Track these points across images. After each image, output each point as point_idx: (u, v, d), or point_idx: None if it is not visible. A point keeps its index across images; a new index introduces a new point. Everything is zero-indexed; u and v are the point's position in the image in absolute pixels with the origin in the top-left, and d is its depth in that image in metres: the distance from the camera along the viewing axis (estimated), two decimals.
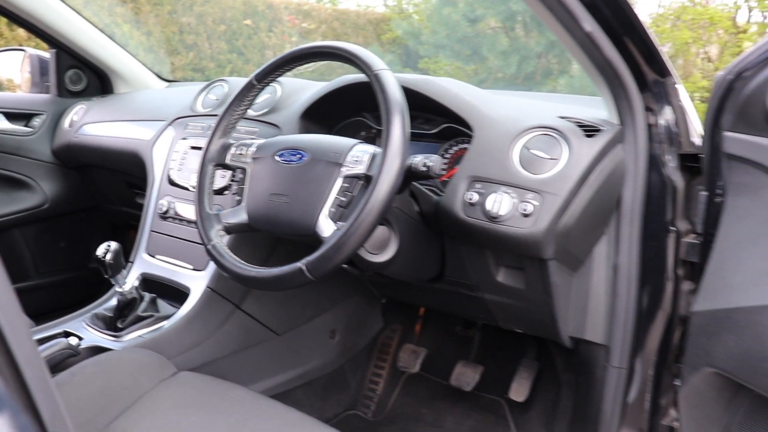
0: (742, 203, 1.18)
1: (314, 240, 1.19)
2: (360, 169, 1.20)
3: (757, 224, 1.15)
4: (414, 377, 2.14)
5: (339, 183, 1.21)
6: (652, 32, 1.28)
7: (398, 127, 1.13)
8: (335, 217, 1.20)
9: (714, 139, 1.21)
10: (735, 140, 1.17)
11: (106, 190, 2.48)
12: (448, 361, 2.08)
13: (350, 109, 1.68)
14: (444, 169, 1.57)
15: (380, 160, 1.13)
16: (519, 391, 1.92)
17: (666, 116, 1.37)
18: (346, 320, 2.08)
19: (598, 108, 1.44)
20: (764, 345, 1.10)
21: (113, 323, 1.64)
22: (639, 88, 1.33)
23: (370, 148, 1.23)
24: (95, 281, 2.02)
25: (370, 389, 2.14)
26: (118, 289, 1.61)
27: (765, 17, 7.59)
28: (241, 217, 1.33)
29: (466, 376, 2.01)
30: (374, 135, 1.67)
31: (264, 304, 1.79)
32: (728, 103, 1.18)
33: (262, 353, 1.81)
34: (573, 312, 1.49)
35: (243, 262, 1.25)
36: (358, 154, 1.22)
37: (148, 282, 1.77)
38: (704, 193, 1.28)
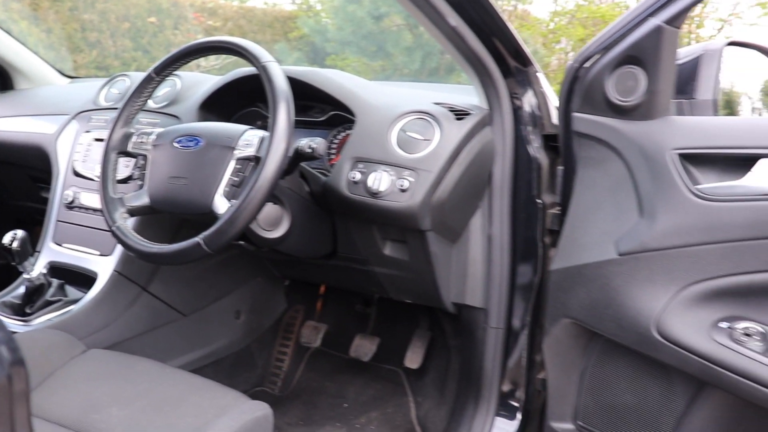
0: (589, 174, 1.36)
1: (211, 218, 1.31)
2: (250, 152, 1.33)
3: (601, 192, 1.33)
4: (317, 353, 2.27)
5: (232, 165, 1.33)
6: (512, 27, 1.45)
7: (283, 113, 1.26)
8: (229, 196, 1.32)
9: (566, 120, 1.39)
10: (582, 120, 1.35)
11: (10, 186, 2.50)
12: (347, 336, 2.22)
13: (245, 100, 1.80)
14: (331, 152, 1.71)
15: (268, 143, 1.26)
16: (413, 359, 2.08)
17: (529, 101, 1.54)
18: (251, 301, 2.19)
19: (471, 95, 1.60)
20: (607, 294, 1.28)
21: (22, 309, 1.69)
22: (504, 76, 1.50)
23: (260, 133, 1.35)
24: (2, 275, 2.06)
25: (276, 366, 2.25)
26: (26, 275, 1.67)
27: None
28: (143, 200, 1.43)
29: (364, 347, 2.15)
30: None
31: (170, 286, 1.88)
32: (576, 87, 1.36)
33: (170, 333, 1.90)
34: (454, 280, 1.65)
35: (146, 240, 1.36)
36: (249, 138, 1.34)
37: (56, 269, 1.83)
38: (561, 167, 1.46)
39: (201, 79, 1.92)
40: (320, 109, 1.75)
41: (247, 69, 1.69)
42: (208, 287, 2.03)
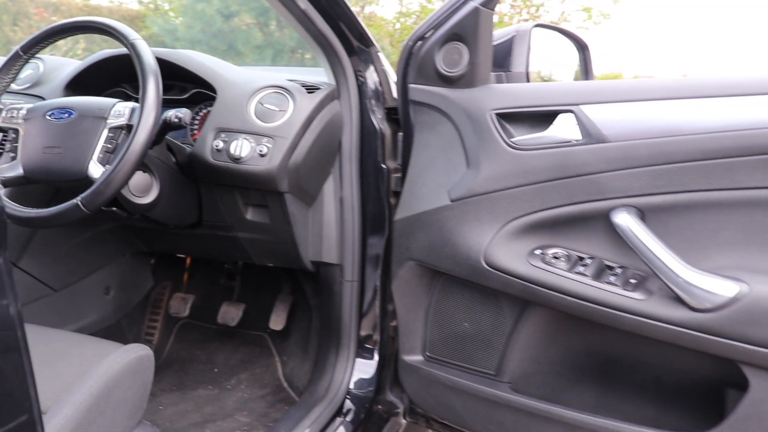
0: (424, 137, 1.58)
1: (86, 183, 1.41)
2: (122, 121, 1.45)
3: (435, 150, 1.55)
4: (186, 325, 2.38)
5: (105, 133, 1.45)
6: (355, 12, 1.65)
7: (152, 85, 1.40)
8: (103, 162, 1.43)
9: (404, 90, 1.60)
10: (417, 90, 1.57)
11: None
12: (214, 307, 2.35)
13: (110, 81, 1.90)
14: (194, 128, 1.84)
15: (139, 112, 1.39)
16: (277, 321, 2.24)
17: (372, 77, 1.75)
18: (120, 278, 2.26)
19: (321, 76, 1.78)
20: (443, 235, 1.50)
21: None
22: (348, 55, 1.70)
23: (131, 104, 1.47)
24: None
25: (147, 340, 2.34)
26: None
27: None
28: (17, 170, 1.51)
29: (230, 313, 2.29)
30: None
31: (41, 261, 1.94)
32: (411, 62, 1.57)
33: (42, 309, 1.95)
34: (312, 240, 1.82)
35: (24, 206, 1.44)
36: (120, 109, 1.46)
37: None
38: (401, 134, 1.67)
39: (64, 62, 1.99)
40: (181, 88, 1.88)
41: (111, 51, 1.79)
42: (78, 263, 2.09)
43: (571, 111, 1.36)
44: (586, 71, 1.85)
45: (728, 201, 1.25)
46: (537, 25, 1.67)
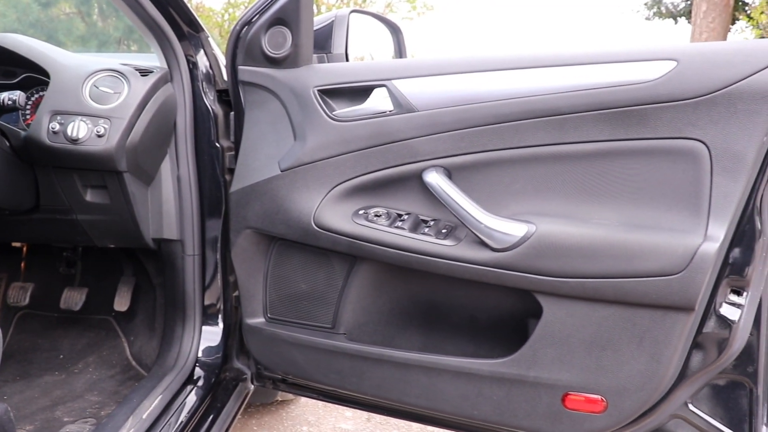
0: (254, 115, 1.71)
1: None
2: None
3: (265, 126, 1.68)
4: (27, 315, 2.36)
5: None
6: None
7: None
8: None
9: (233, 72, 1.72)
10: (245, 71, 1.69)
11: None
12: (55, 294, 2.35)
13: None
14: (26, 112, 1.86)
15: None
16: (121, 303, 2.29)
17: (203, 61, 1.85)
18: None
19: (154, 61, 1.86)
20: (276, 203, 1.64)
21: None
22: (179, 40, 1.79)
23: None
24: None
25: None
26: None
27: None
28: None
29: (73, 298, 2.31)
30: None
31: None
32: (239, 45, 1.69)
33: None
34: (152, 218, 1.90)
35: None
36: None
37: None
38: (233, 113, 1.79)
39: None
40: (8, 72, 1.89)
41: None
42: None
43: (384, 85, 1.54)
44: (399, 52, 2.06)
45: (518, 157, 1.48)
46: (354, 11, 1.85)
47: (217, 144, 1.86)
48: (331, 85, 1.60)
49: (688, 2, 12.51)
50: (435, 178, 1.49)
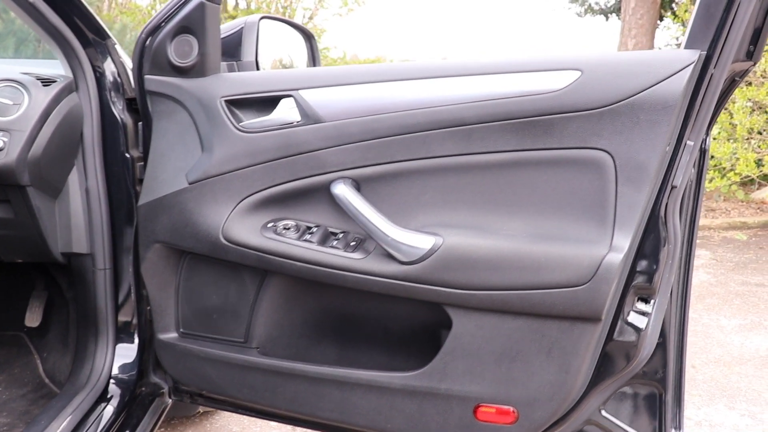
0: (162, 125, 1.66)
1: None
2: None
3: (173, 137, 1.64)
4: None
5: None
6: (86, 4, 1.68)
7: None
8: None
9: (140, 82, 1.67)
10: (152, 81, 1.64)
11: None
12: None
13: None
14: None
15: None
16: (32, 318, 2.21)
17: (110, 69, 1.79)
18: None
19: (59, 68, 1.79)
20: (185, 216, 1.60)
21: None
22: (84, 48, 1.73)
23: None
24: None
25: None
26: None
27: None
28: None
29: None
30: None
31: None
32: (145, 54, 1.64)
33: None
34: (60, 231, 1.83)
35: None
36: None
37: None
38: (141, 123, 1.74)
39: None
40: None
41: None
42: None
43: (291, 95, 1.52)
44: (313, 58, 2.03)
45: (426, 168, 1.47)
46: (264, 17, 1.81)
47: (127, 154, 1.80)
48: (238, 96, 1.57)
49: None
50: (342, 190, 1.47)
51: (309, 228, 1.55)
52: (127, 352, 1.93)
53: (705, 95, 1.37)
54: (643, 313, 1.45)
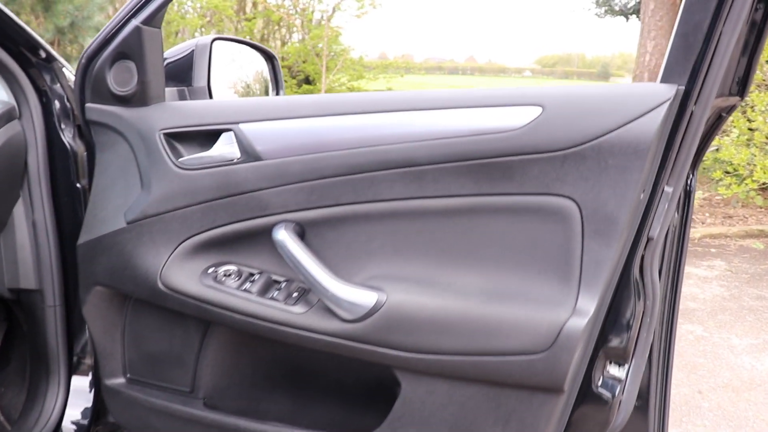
0: (105, 157, 1.54)
1: None
2: None
3: (115, 171, 1.52)
4: None
5: None
6: (23, 25, 1.57)
7: None
8: None
9: (81, 110, 1.55)
10: (93, 109, 1.53)
11: None
12: None
13: None
14: None
15: None
16: None
17: (58, 94, 1.67)
18: None
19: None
20: (123, 258, 1.48)
21: None
22: (27, 72, 1.61)
23: None
24: None
25: None
26: None
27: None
28: None
29: None
30: None
31: None
32: (87, 81, 1.52)
33: None
34: (7, 266, 1.73)
35: None
36: None
37: None
38: (85, 153, 1.62)
39: None
40: None
41: None
42: None
43: (230, 129, 1.39)
44: (276, 81, 1.90)
45: (375, 213, 1.33)
46: (217, 39, 1.68)
47: (78, 184, 1.69)
48: (178, 128, 1.44)
49: (638, 0, 12.54)
50: (283, 237, 1.34)
51: (252, 275, 1.42)
52: (81, 393, 1.82)
53: (685, 135, 1.21)
54: (616, 379, 1.30)
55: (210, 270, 1.44)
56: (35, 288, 1.76)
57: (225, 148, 1.40)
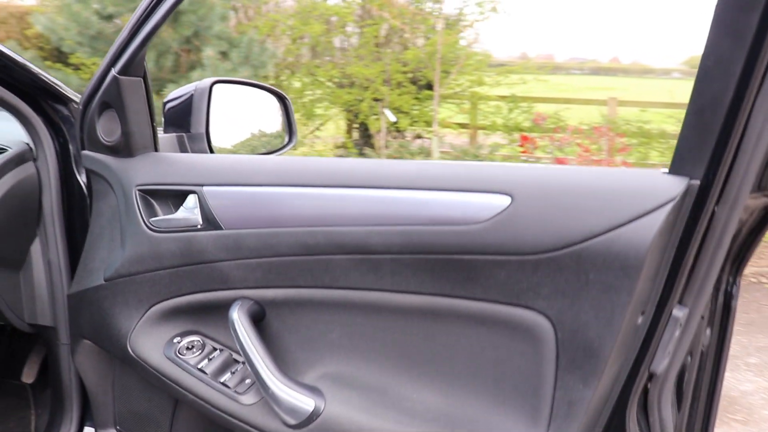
0: (99, 206, 1.51)
1: None
2: None
3: (105, 222, 1.48)
4: None
5: None
6: (43, 72, 1.56)
7: None
8: None
9: (79, 158, 1.52)
10: (87, 157, 1.49)
11: None
12: None
13: None
14: None
15: None
16: (29, 374, 2.15)
17: (77, 134, 1.66)
18: None
19: None
20: (101, 316, 1.43)
21: None
22: (44, 116, 1.61)
23: None
24: None
25: None
26: None
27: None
28: None
29: None
30: None
31: None
32: (84, 127, 1.49)
33: None
34: (26, 302, 1.74)
35: None
36: None
37: None
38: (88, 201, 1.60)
39: None
40: None
41: None
42: None
43: (195, 192, 1.30)
44: (289, 123, 1.79)
45: (332, 301, 1.20)
46: (216, 82, 1.60)
47: None
48: (152, 185, 1.38)
49: None
50: (237, 318, 1.23)
51: (214, 349, 1.32)
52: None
53: (704, 244, 0.95)
54: None
55: (175, 339, 1.36)
56: (51, 325, 1.77)
57: (190, 212, 1.31)
